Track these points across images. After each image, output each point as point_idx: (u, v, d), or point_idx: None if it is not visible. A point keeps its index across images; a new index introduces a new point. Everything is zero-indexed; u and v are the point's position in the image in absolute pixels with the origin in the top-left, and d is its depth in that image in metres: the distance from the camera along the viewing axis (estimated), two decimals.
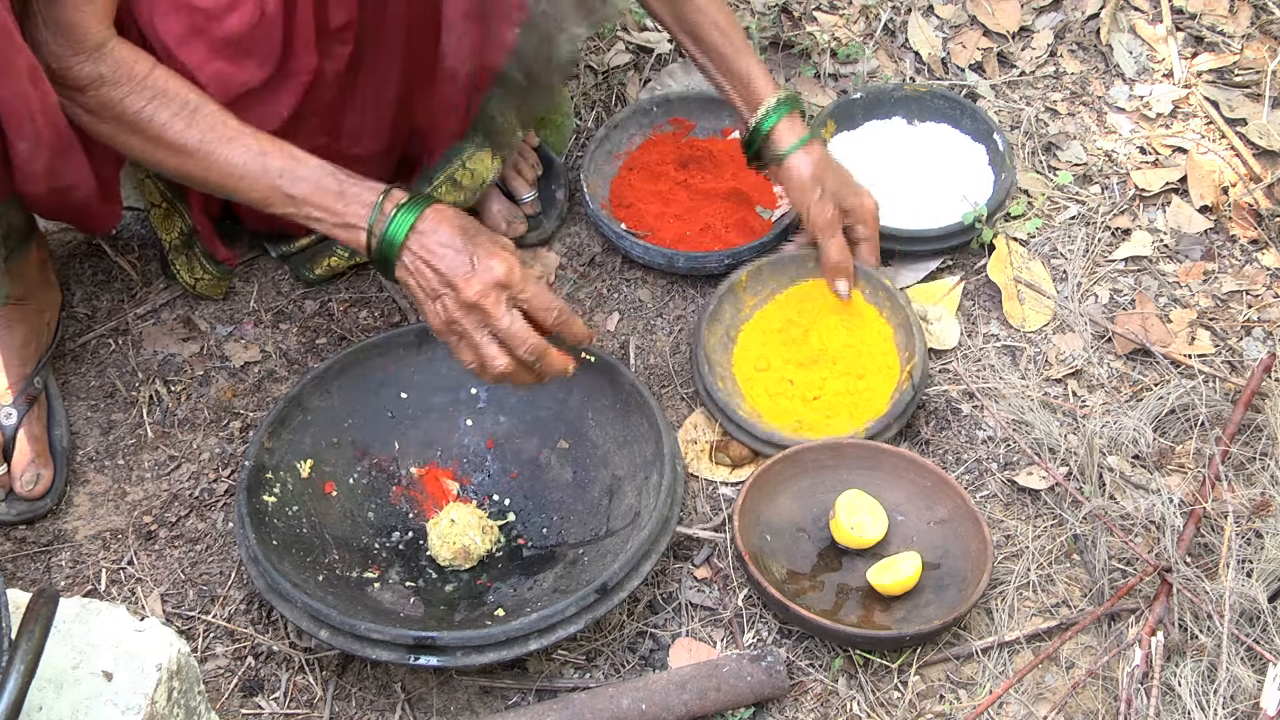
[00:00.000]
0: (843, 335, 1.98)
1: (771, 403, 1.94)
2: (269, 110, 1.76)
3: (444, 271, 1.57)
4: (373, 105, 1.88)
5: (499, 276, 1.57)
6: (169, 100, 1.58)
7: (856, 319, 1.99)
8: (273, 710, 1.69)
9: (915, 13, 2.48)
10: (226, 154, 1.59)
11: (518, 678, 1.71)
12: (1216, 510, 1.78)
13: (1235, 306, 2.09)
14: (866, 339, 1.98)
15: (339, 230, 1.60)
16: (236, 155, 1.59)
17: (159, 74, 1.58)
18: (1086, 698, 1.67)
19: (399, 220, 1.58)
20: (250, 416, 1.96)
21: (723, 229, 2.12)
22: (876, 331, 1.98)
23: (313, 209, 1.60)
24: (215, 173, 1.60)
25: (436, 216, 1.59)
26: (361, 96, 1.86)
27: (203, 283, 2.04)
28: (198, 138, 1.58)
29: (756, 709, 1.66)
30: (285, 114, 1.77)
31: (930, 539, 1.80)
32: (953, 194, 2.14)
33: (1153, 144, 2.31)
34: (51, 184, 1.64)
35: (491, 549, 1.81)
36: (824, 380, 1.95)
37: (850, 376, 1.95)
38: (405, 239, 1.58)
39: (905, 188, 2.18)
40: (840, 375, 1.96)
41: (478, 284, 1.57)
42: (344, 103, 1.85)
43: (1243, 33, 2.45)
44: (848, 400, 1.94)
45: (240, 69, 1.68)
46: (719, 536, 1.83)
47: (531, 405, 1.90)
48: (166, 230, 2.01)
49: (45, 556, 1.82)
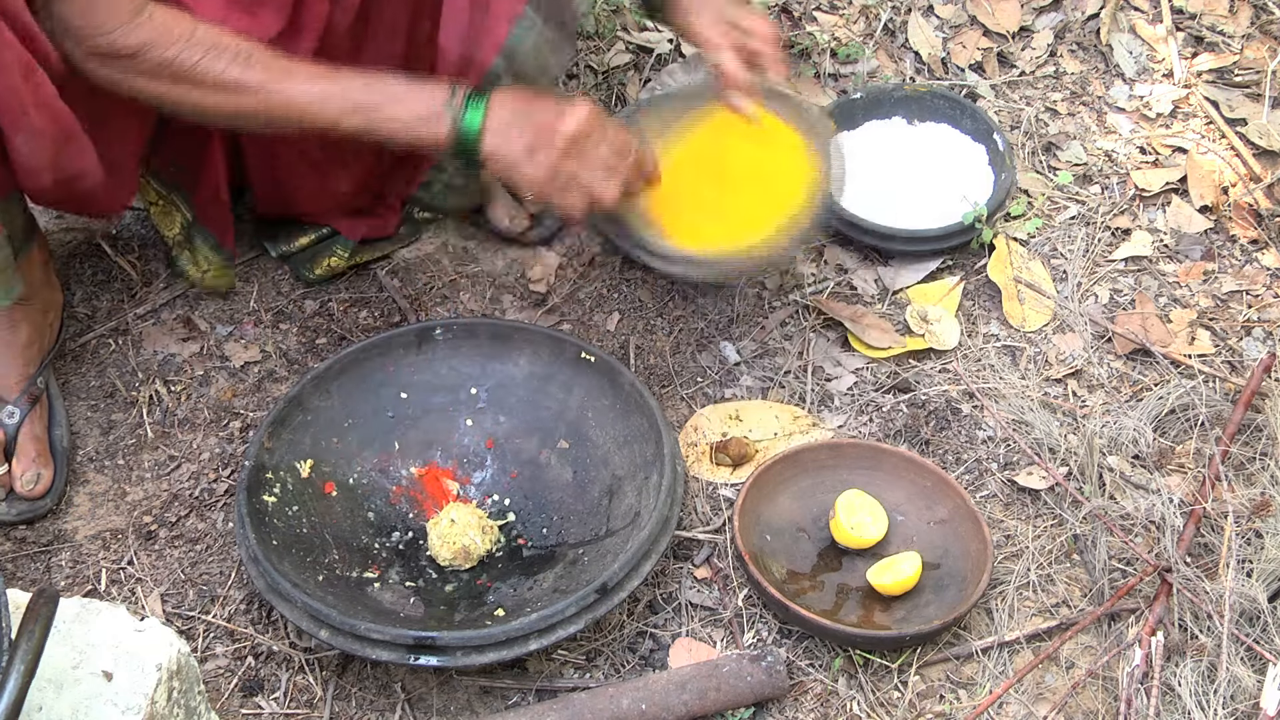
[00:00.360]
0: (754, 155, 1.91)
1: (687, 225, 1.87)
2: None
3: (535, 122, 1.64)
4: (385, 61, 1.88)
5: (585, 113, 1.65)
6: (222, 48, 1.60)
7: (767, 138, 1.91)
8: (273, 710, 1.69)
9: (915, 13, 2.48)
10: (290, 86, 1.62)
11: (518, 678, 1.71)
12: (1216, 510, 1.78)
13: (1235, 306, 2.09)
14: (779, 155, 1.91)
15: (418, 124, 1.64)
16: (300, 85, 1.62)
17: (203, 29, 1.60)
18: (1086, 698, 1.67)
19: (474, 105, 1.64)
20: (250, 416, 1.96)
21: None
22: (789, 146, 1.91)
23: (385, 116, 1.64)
24: (282, 106, 1.62)
25: (507, 93, 1.66)
26: (370, 55, 1.87)
27: (210, 274, 2.04)
28: (259, 77, 1.60)
29: (756, 709, 1.66)
30: None
31: (930, 539, 1.80)
32: (953, 194, 2.15)
33: (1153, 144, 2.31)
34: (57, 175, 1.65)
35: (491, 549, 1.81)
36: (740, 195, 1.89)
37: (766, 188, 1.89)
38: (485, 117, 1.63)
39: (905, 188, 2.18)
40: (754, 192, 1.90)
41: (572, 121, 1.64)
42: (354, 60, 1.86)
43: (1243, 33, 2.45)
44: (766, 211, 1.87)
45: (256, 21, 1.70)
46: (719, 537, 1.83)
47: (531, 405, 1.90)
48: (167, 227, 2.01)
49: (45, 556, 1.82)
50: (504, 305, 2.10)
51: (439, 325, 1.91)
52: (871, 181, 2.18)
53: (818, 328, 2.07)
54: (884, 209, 2.14)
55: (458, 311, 2.08)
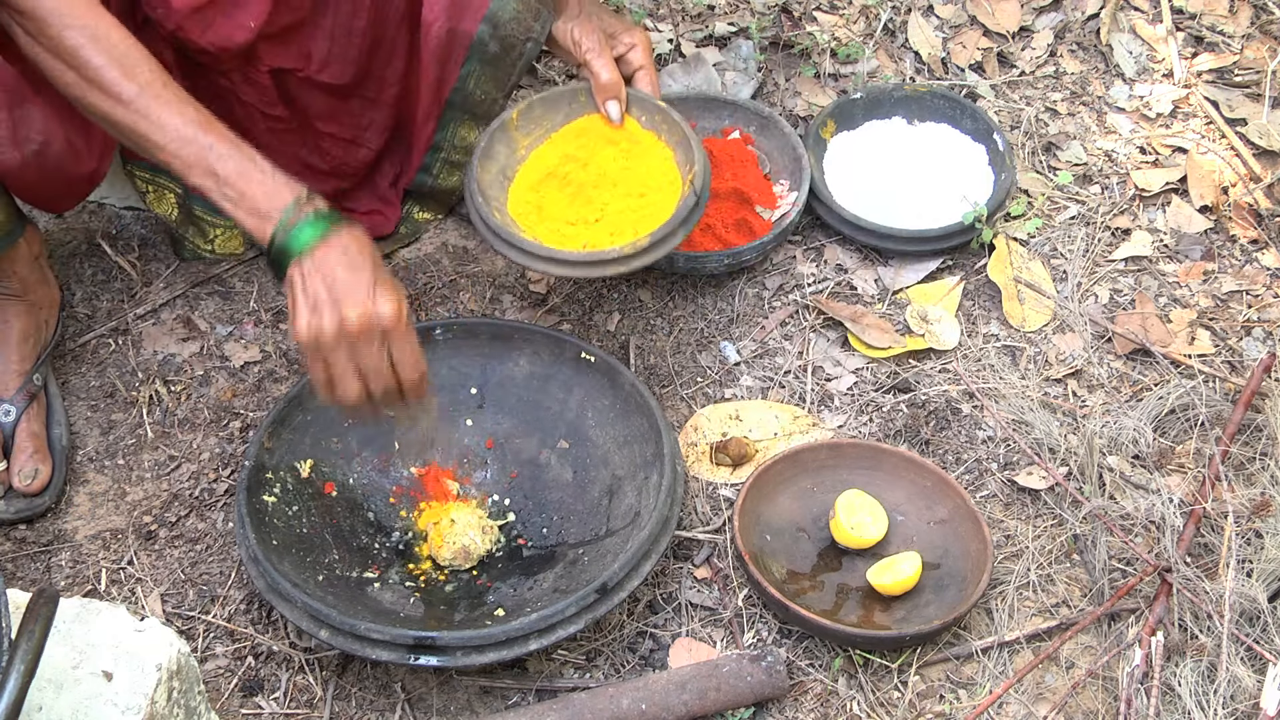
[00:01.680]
0: (621, 162, 1.92)
1: (552, 230, 1.89)
2: (234, 21, 1.78)
3: (337, 288, 1.53)
4: (342, 32, 1.89)
5: (386, 315, 1.53)
6: (108, 46, 1.54)
7: (635, 146, 1.93)
8: (273, 710, 1.69)
9: (915, 13, 2.48)
10: (160, 112, 1.55)
11: (518, 678, 1.71)
12: (1216, 510, 1.78)
13: (1235, 306, 2.09)
14: (646, 162, 1.92)
15: (248, 217, 1.56)
16: (171, 116, 1.55)
17: (103, 20, 1.55)
18: (1086, 698, 1.67)
19: (310, 226, 1.54)
20: (250, 416, 1.96)
21: (722, 229, 2.12)
22: (656, 155, 1.92)
23: (230, 189, 1.56)
24: (145, 126, 1.55)
25: (350, 236, 1.56)
26: (331, 20, 1.87)
27: (220, 239, 2.04)
28: (134, 90, 1.55)
29: (756, 709, 1.66)
30: (252, 25, 1.78)
31: (930, 539, 1.80)
32: (953, 194, 2.15)
33: (1153, 144, 2.31)
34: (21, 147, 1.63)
35: (491, 549, 1.81)
36: (605, 204, 1.90)
37: (631, 196, 1.90)
38: (311, 244, 1.54)
39: (905, 188, 2.18)
40: (621, 196, 1.90)
41: (364, 313, 1.53)
42: (314, 24, 1.87)
43: (1243, 33, 2.45)
44: (631, 217, 1.88)
45: None
46: (719, 537, 1.83)
47: (531, 405, 1.90)
48: (165, 209, 2.02)
49: (45, 556, 1.82)
50: (504, 305, 2.10)
51: (439, 325, 1.91)
52: (871, 181, 2.18)
53: (818, 328, 2.07)
54: (884, 209, 2.14)
55: (458, 311, 2.08)
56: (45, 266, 1.95)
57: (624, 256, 1.79)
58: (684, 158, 1.88)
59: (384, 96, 2.01)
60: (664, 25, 2.46)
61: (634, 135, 1.93)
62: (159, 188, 2.02)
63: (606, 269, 1.79)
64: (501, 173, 1.92)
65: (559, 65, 2.40)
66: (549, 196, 1.91)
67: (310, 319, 1.53)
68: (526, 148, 1.94)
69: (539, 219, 1.90)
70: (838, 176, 2.19)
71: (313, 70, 1.91)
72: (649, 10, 2.48)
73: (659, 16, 2.48)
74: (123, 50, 1.55)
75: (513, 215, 1.89)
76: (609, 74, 1.90)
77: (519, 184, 1.93)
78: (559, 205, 1.91)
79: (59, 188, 1.81)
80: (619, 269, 1.80)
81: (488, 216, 1.84)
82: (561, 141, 1.94)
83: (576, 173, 1.92)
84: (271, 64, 1.87)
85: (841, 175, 2.19)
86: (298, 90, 1.94)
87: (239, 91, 1.92)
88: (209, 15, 1.77)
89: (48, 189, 1.81)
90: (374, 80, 1.99)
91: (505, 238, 1.83)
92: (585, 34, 1.90)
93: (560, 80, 2.37)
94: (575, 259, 1.81)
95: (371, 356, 1.54)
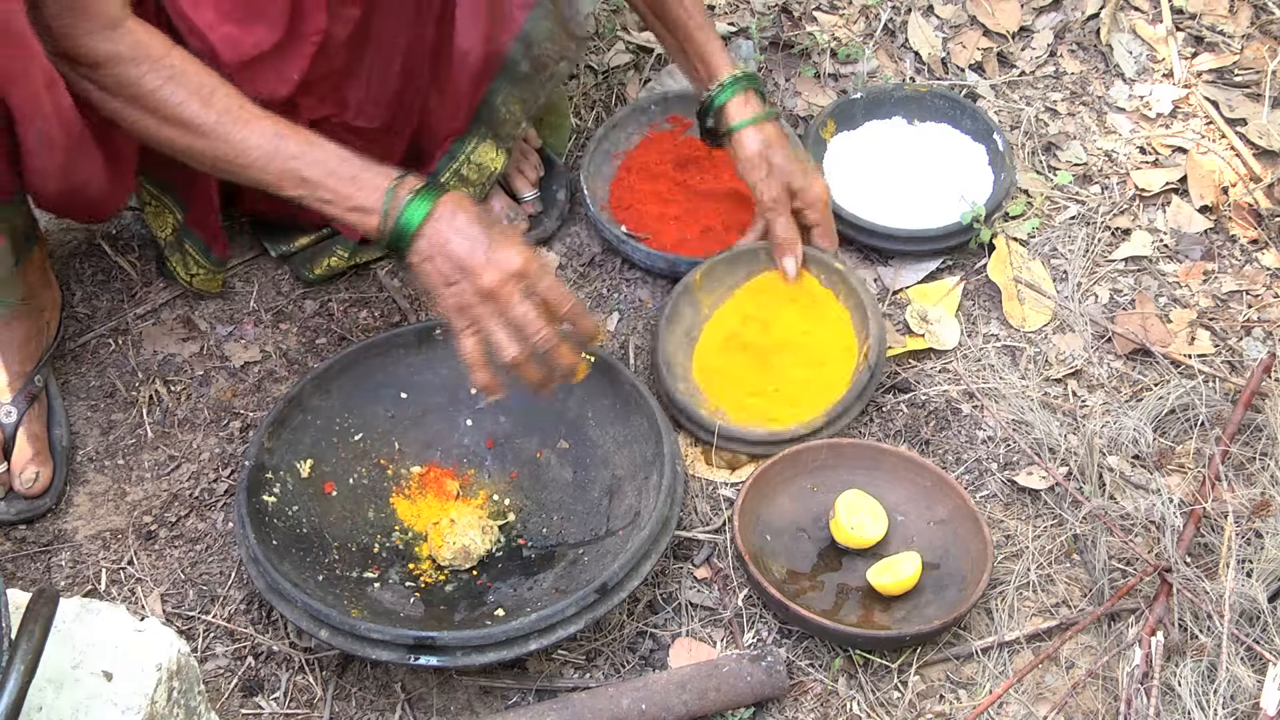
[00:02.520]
0: (801, 324, 1.98)
1: (734, 400, 1.94)
2: (279, 75, 1.77)
3: (461, 257, 1.56)
4: (379, 77, 1.89)
5: (516, 265, 1.56)
6: (186, 80, 1.57)
7: (814, 306, 1.99)
8: (273, 710, 1.69)
9: (915, 13, 2.48)
10: (242, 135, 1.57)
11: (518, 678, 1.71)
12: (1216, 510, 1.78)
13: (1235, 306, 2.09)
14: (824, 325, 1.97)
15: (351, 214, 1.59)
16: (253, 137, 1.58)
17: (176, 54, 1.58)
18: (1086, 698, 1.67)
19: (414, 206, 1.57)
20: (250, 416, 1.96)
21: (722, 230, 2.12)
22: (834, 317, 1.97)
23: (325, 192, 1.59)
24: (228, 152, 1.58)
25: (453, 203, 1.59)
26: (368, 66, 1.87)
27: (198, 278, 2.04)
28: (213, 118, 1.57)
29: (756, 709, 1.66)
30: (295, 78, 1.78)
31: (930, 539, 1.80)
32: (952, 194, 2.14)
33: (1153, 144, 2.31)
34: (64, 184, 1.64)
35: (491, 549, 1.81)
36: (785, 369, 1.96)
37: (810, 365, 1.95)
38: (421, 225, 1.57)
39: (905, 188, 2.18)
40: (800, 364, 1.96)
41: (495, 271, 1.56)
42: (351, 72, 1.86)
43: (1243, 33, 2.45)
44: (809, 388, 1.94)
45: (250, 32, 1.69)
46: (719, 537, 1.83)
47: (531, 405, 1.90)
48: (160, 228, 2.01)
49: (45, 556, 1.82)
50: None
51: (439, 325, 1.91)
52: (871, 181, 2.18)
53: None
54: (884, 209, 2.14)
55: None
56: (47, 268, 1.95)
57: (800, 436, 1.87)
58: (860, 321, 1.94)
59: (408, 129, 2.01)
60: None
61: (812, 293, 1.99)
62: (162, 207, 2.00)
63: (782, 448, 1.87)
64: (686, 334, 1.99)
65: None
66: (733, 363, 1.97)
67: (450, 295, 1.58)
68: (710, 306, 2.01)
69: (723, 385, 1.96)
70: (838, 176, 2.19)
71: (349, 117, 1.90)
72: None
73: None
74: (198, 81, 1.57)
75: (697, 380, 1.96)
76: (786, 231, 1.95)
77: (704, 346, 1.99)
78: (741, 372, 1.97)
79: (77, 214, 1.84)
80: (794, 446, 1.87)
81: (672, 390, 1.90)
82: (744, 299, 2.01)
83: (758, 337, 1.98)
84: (310, 115, 1.85)
85: (841, 175, 2.19)
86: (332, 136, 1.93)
87: None
88: (256, 69, 1.75)
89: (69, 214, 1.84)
90: (402, 117, 1.98)
91: (689, 414, 1.90)
92: (768, 189, 1.94)
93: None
94: (756, 438, 1.88)
95: (518, 307, 1.57)
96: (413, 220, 1.57)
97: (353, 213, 1.59)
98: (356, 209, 1.59)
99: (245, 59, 1.74)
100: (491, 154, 1.99)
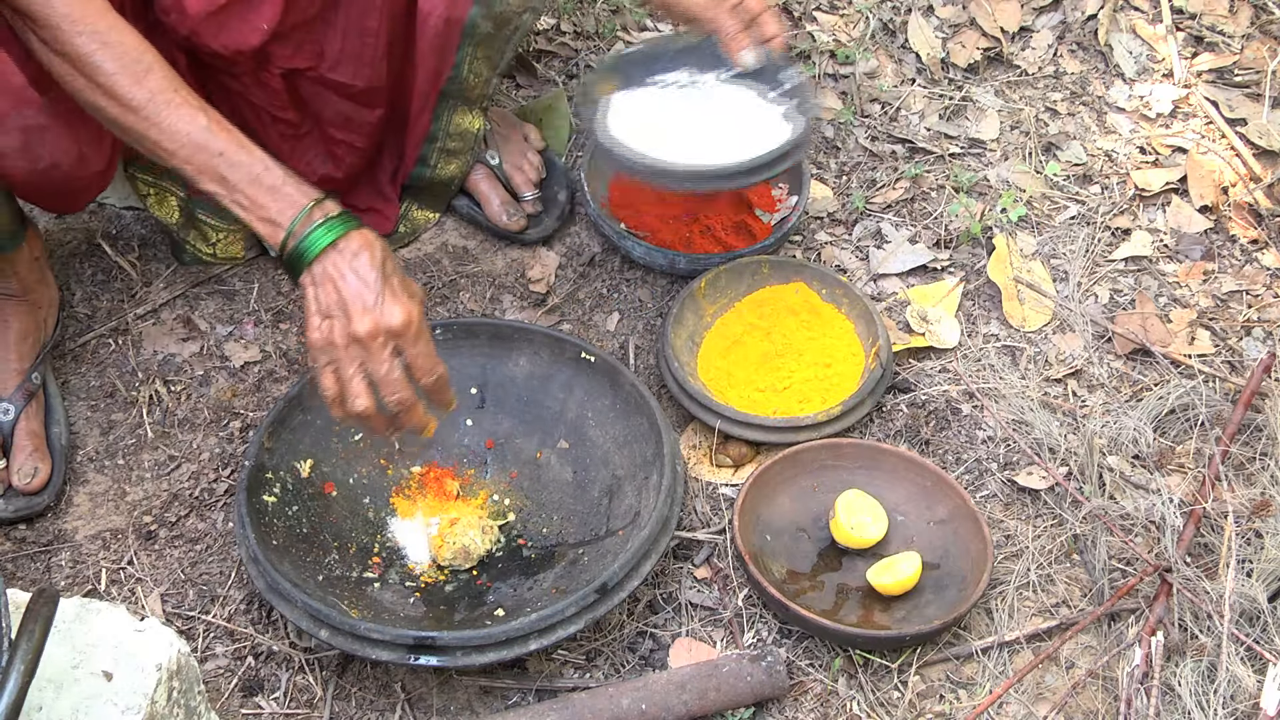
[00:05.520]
0: (805, 332, 2.00)
1: (743, 396, 1.96)
2: (248, 24, 1.78)
3: (345, 297, 1.51)
4: (355, 33, 1.89)
5: (395, 322, 1.52)
6: (120, 52, 1.53)
7: (816, 317, 2.01)
8: (273, 710, 1.69)
9: (915, 13, 2.48)
10: (171, 119, 1.54)
11: (518, 678, 1.71)
12: (1216, 510, 1.78)
13: (1235, 306, 2.09)
14: (828, 334, 2.00)
15: (260, 224, 1.55)
16: (182, 123, 1.54)
17: (115, 24, 1.54)
18: (1086, 698, 1.67)
19: (323, 231, 1.54)
20: (250, 416, 1.96)
21: (722, 231, 2.12)
22: (838, 327, 2.00)
23: (241, 196, 1.55)
24: (156, 133, 1.54)
25: (361, 241, 1.54)
26: (344, 16, 1.86)
27: (221, 243, 2.04)
28: (145, 96, 1.53)
29: (756, 709, 1.66)
30: (265, 27, 1.78)
31: (930, 539, 1.80)
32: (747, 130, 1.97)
33: (1153, 144, 2.31)
34: (29, 165, 1.63)
35: (491, 549, 1.81)
36: (792, 371, 1.97)
37: (817, 366, 1.97)
38: (322, 251, 1.53)
39: (686, 139, 1.96)
40: (807, 365, 1.98)
41: (370, 322, 1.51)
42: (327, 20, 1.86)
43: (1243, 33, 2.45)
44: (818, 386, 1.96)
45: None
46: (719, 537, 1.83)
47: (531, 405, 1.90)
48: (166, 213, 2.01)
49: (45, 556, 1.82)
50: (504, 305, 2.10)
51: (439, 325, 1.91)
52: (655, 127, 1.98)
53: None
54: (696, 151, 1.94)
55: (458, 311, 2.08)
56: (45, 266, 1.95)
57: (818, 424, 1.88)
58: (865, 330, 1.97)
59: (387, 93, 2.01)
60: (664, 26, 2.46)
61: (815, 307, 2.01)
62: (161, 191, 2.02)
63: (799, 435, 1.88)
64: (690, 339, 2.00)
65: (558, 64, 2.40)
66: (738, 363, 1.99)
67: (320, 327, 1.53)
68: (713, 315, 2.03)
69: (729, 384, 1.97)
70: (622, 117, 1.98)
71: (325, 69, 1.90)
72: (649, 11, 2.48)
73: (659, 17, 2.48)
74: (134, 55, 1.54)
75: (703, 379, 1.97)
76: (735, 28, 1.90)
77: (707, 349, 2.01)
78: (748, 372, 1.98)
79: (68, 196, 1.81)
80: (811, 436, 1.88)
81: (684, 381, 1.91)
82: (746, 309, 2.03)
83: (761, 342, 2.00)
84: (284, 65, 1.87)
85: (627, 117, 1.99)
86: (310, 93, 1.94)
87: (249, 94, 1.92)
88: (222, 18, 1.77)
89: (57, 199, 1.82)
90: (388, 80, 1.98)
91: (703, 402, 1.89)
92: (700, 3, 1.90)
93: (559, 80, 2.37)
94: (771, 424, 1.88)
95: (382, 364, 1.52)
96: (315, 245, 1.53)
97: (262, 223, 1.55)
98: (267, 220, 1.55)
99: (214, 8, 1.74)
100: (468, 119, 2.01)
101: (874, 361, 1.93)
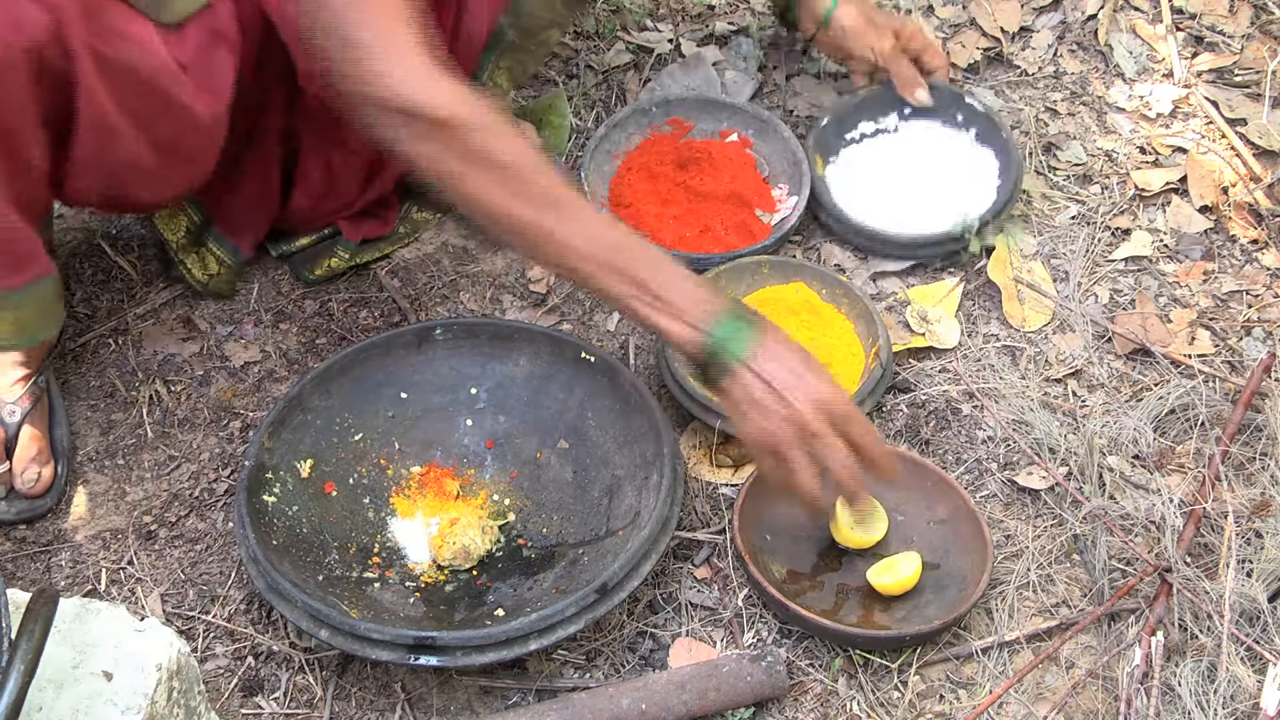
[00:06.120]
0: (805, 332, 1.99)
1: None
2: None
3: (786, 391, 1.55)
4: None
5: (838, 406, 1.56)
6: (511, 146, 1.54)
7: (816, 317, 2.00)
8: (273, 710, 1.69)
9: (915, 13, 2.48)
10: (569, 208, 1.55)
11: (518, 678, 1.71)
12: (1216, 510, 1.78)
13: (1235, 306, 2.09)
14: (829, 334, 1.99)
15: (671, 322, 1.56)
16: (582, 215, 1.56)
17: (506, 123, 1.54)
18: (1086, 698, 1.67)
19: (745, 331, 1.57)
20: (250, 416, 1.96)
21: (722, 231, 2.12)
22: (838, 327, 1.99)
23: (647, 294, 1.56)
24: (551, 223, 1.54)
25: (780, 336, 1.60)
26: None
27: (216, 279, 2.03)
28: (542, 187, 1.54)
29: (756, 709, 1.66)
30: None
31: (930, 539, 1.80)
32: (954, 197, 2.14)
33: (1153, 144, 2.31)
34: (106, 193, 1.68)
35: (491, 549, 1.81)
36: None
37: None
38: (750, 351, 1.56)
39: (905, 191, 2.17)
40: None
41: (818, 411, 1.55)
42: None
43: (1243, 33, 2.45)
44: None
45: None
46: (719, 537, 1.83)
47: (531, 405, 1.90)
48: (172, 230, 2.00)
49: (45, 556, 1.82)
50: (504, 305, 2.10)
51: (439, 325, 1.91)
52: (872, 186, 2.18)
53: None
54: (882, 212, 2.13)
55: (458, 311, 2.08)
56: None
57: None
58: (865, 330, 1.96)
59: None
60: (664, 25, 2.46)
61: (815, 307, 2.01)
62: (175, 210, 1.99)
63: None
64: None
65: (558, 65, 2.40)
66: None
67: (763, 424, 1.57)
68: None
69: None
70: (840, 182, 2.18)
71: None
72: (649, 10, 2.48)
73: (659, 17, 2.48)
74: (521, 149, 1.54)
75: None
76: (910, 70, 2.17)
77: None
78: None
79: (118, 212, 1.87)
80: None
81: (684, 381, 1.89)
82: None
83: None
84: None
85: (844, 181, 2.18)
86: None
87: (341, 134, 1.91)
88: None
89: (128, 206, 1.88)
90: None
91: (703, 402, 1.88)
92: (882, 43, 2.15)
93: (559, 80, 2.37)
94: None
95: (837, 450, 1.57)
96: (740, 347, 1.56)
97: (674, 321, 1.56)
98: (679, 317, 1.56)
99: None
100: None
101: (874, 361, 1.93)
